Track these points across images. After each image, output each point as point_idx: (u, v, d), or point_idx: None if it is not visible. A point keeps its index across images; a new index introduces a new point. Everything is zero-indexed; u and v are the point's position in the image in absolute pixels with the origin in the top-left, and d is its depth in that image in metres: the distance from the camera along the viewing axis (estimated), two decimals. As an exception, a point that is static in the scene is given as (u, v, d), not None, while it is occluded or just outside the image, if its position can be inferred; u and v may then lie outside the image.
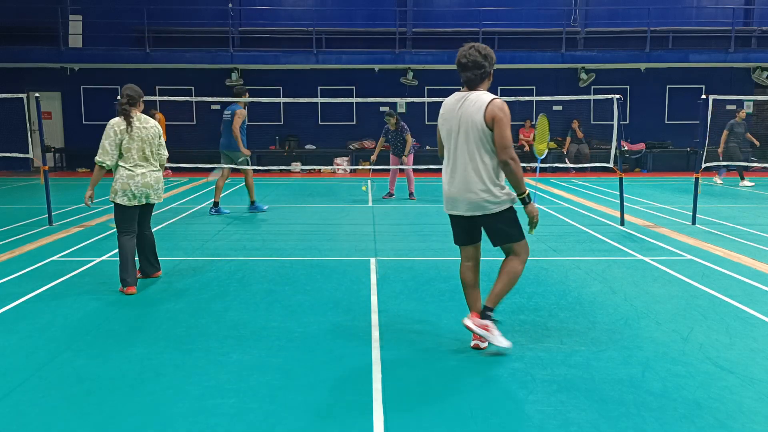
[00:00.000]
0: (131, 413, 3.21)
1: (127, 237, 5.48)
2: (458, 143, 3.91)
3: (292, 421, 3.13)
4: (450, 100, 4.01)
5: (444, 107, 4.02)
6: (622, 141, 14.37)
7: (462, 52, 3.96)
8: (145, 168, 5.45)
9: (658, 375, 3.67)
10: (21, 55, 17.39)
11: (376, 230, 8.53)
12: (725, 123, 14.37)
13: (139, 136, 5.39)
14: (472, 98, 3.88)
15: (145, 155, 5.44)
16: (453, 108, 3.95)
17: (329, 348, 4.12)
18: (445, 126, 3.98)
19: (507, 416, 3.18)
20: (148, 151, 5.45)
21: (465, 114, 3.86)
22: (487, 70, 3.94)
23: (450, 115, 3.95)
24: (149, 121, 5.53)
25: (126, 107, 5.38)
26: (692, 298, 5.23)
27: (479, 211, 3.91)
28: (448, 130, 3.96)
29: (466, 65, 3.92)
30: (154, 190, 5.52)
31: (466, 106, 3.87)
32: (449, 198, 4.03)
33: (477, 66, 3.90)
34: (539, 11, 18.92)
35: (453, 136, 3.93)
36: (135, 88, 5.54)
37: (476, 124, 3.82)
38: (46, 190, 8.94)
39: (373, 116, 18.88)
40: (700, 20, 19.18)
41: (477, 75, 3.92)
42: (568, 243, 7.58)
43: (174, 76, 18.52)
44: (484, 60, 3.91)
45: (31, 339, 4.29)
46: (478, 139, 3.83)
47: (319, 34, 18.17)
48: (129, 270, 5.35)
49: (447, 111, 3.99)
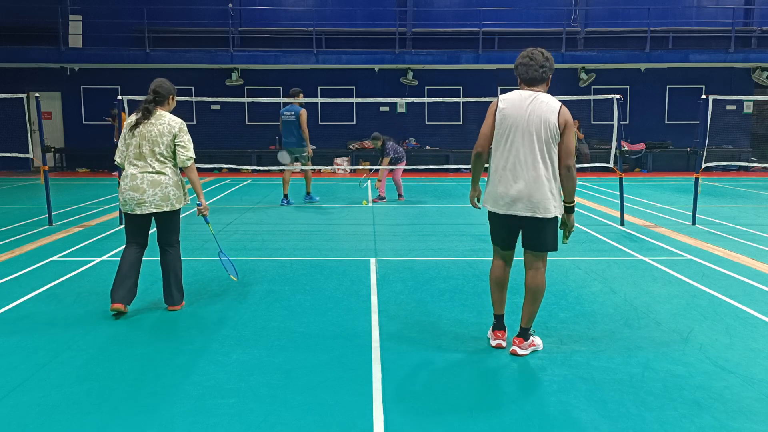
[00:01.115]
0: (131, 413, 3.21)
1: (128, 249, 4.84)
2: (523, 140, 3.80)
3: (292, 421, 3.13)
4: (514, 96, 3.88)
5: (505, 102, 3.88)
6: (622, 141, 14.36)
7: (524, 56, 3.91)
8: (137, 168, 4.70)
9: (658, 375, 3.67)
10: (21, 55, 17.39)
11: (376, 230, 8.53)
12: (725, 123, 14.37)
13: (141, 132, 4.67)
14: (543, 99, 3.83)
15: (142, 153, 4.68)
16: (519, 105, 3.83)
17: (329, 348, 4.12)
18: (507, 121, 3.84)
19: (507, 416, 3.18)
20: (146, 149, 4.66)
21: (536, 112, 3.79)
22: (549, 72, 3.91)
23: (514, 111, 3.83)
24: (163, 117, 4.73)
25: (149, 106, 4.72)
26: (692, 298, 5.23)
27: (539, 212, 3.82)
28: (512, 126, 3.82)
29: (529, 64, 3.87)
30: (150, 196, 4.66)
31: (538, 105, 3.80)
32: (507, 196, 3.86)
33: (540, 70, 3.87)
34: (539, 11, 18.93)
35: (517, 132, 3.81)
36: (165, 84, 4.83)
37: (549, 125, 3.77)
38: (46, 190, 8.94)
39: (373, 116, 18.90)
40: (700, 20, 19.18)
41: (539, 73, 3.87)
42: (569, 243, 7.57)
43: (174, 76, 18.35)
44: (547, 62, 3.89)
45: (31, 339, 4.29)
46: (549, 140, 3.79)
47: (319, 34, 18.18)
48: (117, 283, 4.70)
49: (510, 106, 3.85)
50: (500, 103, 3.88)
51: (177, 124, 4.74)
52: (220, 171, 17.28)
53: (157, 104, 4.77)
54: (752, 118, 19.57)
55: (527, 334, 4.02)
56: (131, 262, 4.79)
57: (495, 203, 3.93)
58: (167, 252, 4.92)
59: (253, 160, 17.89)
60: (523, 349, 3.99)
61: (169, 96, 4.82)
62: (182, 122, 4.80)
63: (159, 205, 4.71)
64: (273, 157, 18.29)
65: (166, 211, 4.77)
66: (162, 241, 4.92)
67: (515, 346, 4.00)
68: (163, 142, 4.68)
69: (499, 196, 3.89)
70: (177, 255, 4.96)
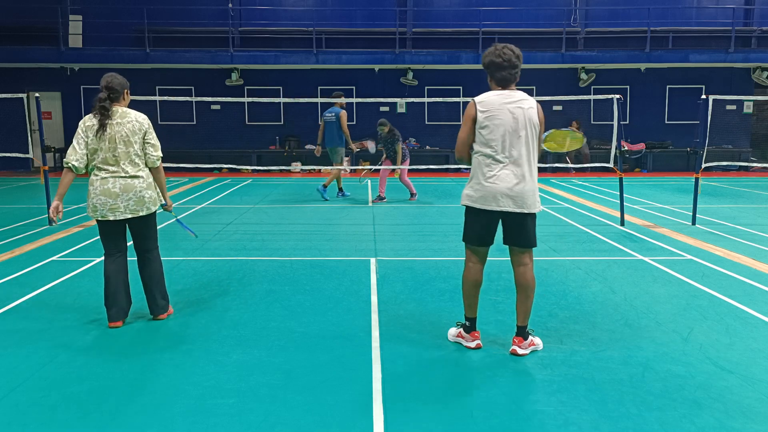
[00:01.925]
0: (131, 413, 3.21)
1: (109, 259, 4.52)
2: (517, 141, 3.89)
3: (292, 421, 3.13)
4: (493, 97, 3.94)
5: (486, 105, 3.92)
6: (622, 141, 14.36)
7: (495, 52, 3.94)
8: (107, 173, 4.39)
9: (658, 375, 3.67)
10: (21, 55, 17.39)
11: (376, 230, 8.53)
12: (725, 123, 14.37)
13: (110, 135, 4.36)
14: (522, 97, 3.95)
15: (115, 156, 4.37)
16: (502, 106, 3.90)
17: (329, 348, 4.12)
18: (494, 121, 3.89)
19: (507, 416, 3.18)
20: (120, 151, 4.36)
21: (522, 111, 3.90)
22: (519, 72, 3.99)
23: (500, 113, 3.89)
24: (128, 115, 4.45)
25: (105, 104, 4.41)
26: (692, 298, 5.23)
27: (526, 208, 3.92)
28: (501, 126, 3.88)
29: (502, 65, 3.93)
30: (124, 201, 4.38)
31: (521, 105, 3.91)
32: (497, 192, 3.89)
33: (512, 66, 3.94)
34: (539, 11, 18.93)
35: (509, 131, 3.88)
36: (116, 78, 4.51)
37: (534, 125, 3.94)
38: (46, 190, 8.94)
39: (373, 116, 18.88)
40: (700, 20, 19.19)
41: (512, 74, 3.96)
42: (568, 243, 7.58)
43: (174, 76, 18.54)
44: (518, 60, 3.96)
45: (31, 339, 4.29)
46: (533, 138, 3.95)
47: (319, 34, 18.18)
48: (110, 300, 4.46)
49: (494, 108, 3.90)
50: (479, 106, 3.93)
51: (145, 121, 4.51)
52: (220, 171, 17.28)
53: (112, 101, 4.45)
54: (752, 118, 19.57)
55: (526, 333, 4.03)
56: (116, 272, 4.50)
57: (481, 201, 3.94)
58: (147, 258, 4.64)
59: (253, 160, 17.89)
60: (523, 348, 4.00)
61: (123, 91, 4.52)
62: (147, 118, 4.56)
63: (134, 210, 4.43)
64: (273, 157, 18.35)
65: (142, 215, 4.49)
66: (140, 248, 4.64)
67: (515, 346, 4.00)
68: (136, 141, 4.42)
69: (490, 194, 3.91)
70: (158, 260, 4.71)
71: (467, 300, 4.13)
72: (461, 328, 4.19)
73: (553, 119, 19.00)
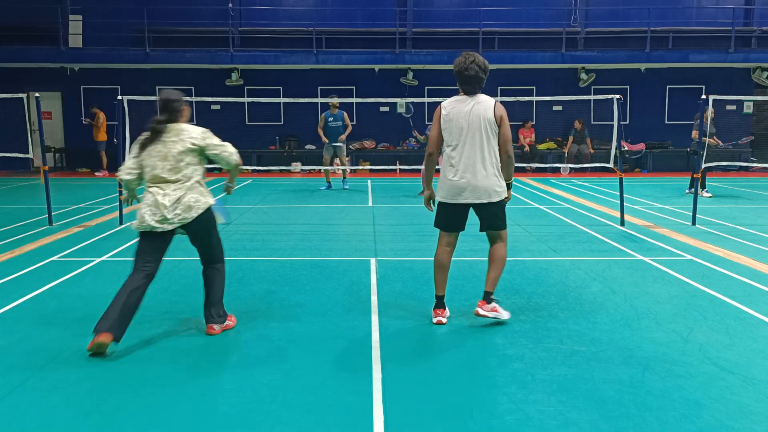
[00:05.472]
0: (131, 413, 3.21)
1: (133, 275, 4.19)
2: (468, 139, 4.39)
3: (292, 421, 3.13)
4: (453, 103, 4.48)
5: (446, 108, 4.47)
6: (622, 141, 14.36)
7: (463, 65, 4.42)
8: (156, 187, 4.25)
9: (658, 375, 3.67)
10: (21, 55, 17.39)
11: (376, 230, 8.53)
12: (725, 123, 14.35)
13: (157, 153, 4.23)
14: (479, 99, 4.44)
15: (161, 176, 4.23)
16: (460, 109, 4.42)
17: (329, 348, 4.12)
18: (452, 124, 4.43)
19: (507, 416, 3.18)
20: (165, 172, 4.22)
21: (476, 113, 4.38)
22: (484, 81, 4.49)
23: (457, 115, 4.42)
24: (182, 133, 4.27)
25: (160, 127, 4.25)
26: (692, 299, 5.23)
27: (485, 198, 4.41)
28: (458, 128, 4.41)
29: (469, 78, 4.41)
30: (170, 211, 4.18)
31: (476, 107, 4.40)
32: (457, 187, 4.43)
33: (478, 80, 4.43)
34: (539, 11, 18.92)
35: (463, 133, 4.40)
36: (171, 96, 4.33)
37: (488, 121, 4.38)
38: (46, 190, 8.94)
39: (373, 116, 18.89)
40: (700, 20, 19.18)
41: (477, 87, 4.46)
42: (568, 243, 7.58)
43: (174, 76, 18.52)
44: (483, 74, 4.45)
45: (31, 339, 4.29)
46: (489, 135, 4.39)
47: (319, 34, 18.17)
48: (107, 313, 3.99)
49: (453, 111, 4.44)
50: (443, 110, 4.47)
51: (199, 135, 4.31)
52: (220, 171, 17.28)
53: (170, 122, 4.29)
54: (752, 118, 19.57)
55: (490, 298, 4.51)
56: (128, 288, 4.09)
57: (447, 194, 4.48)
58: (208, 268, 4.49)
59: (253, 160, 17.87)
60: (484, 310, 4.48)
61: (181, 109, 4.36)
62: (204, 130, 4.38)
63: (183, 219, 4.21)
64: (273, 157, 18.33)
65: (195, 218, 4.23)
66: (205, 260, 4.48)
67: (478, 308, 4.51)
68: (184, 160, 4.24)
69: (449, 188, 4.46)
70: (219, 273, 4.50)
71: (436, 279, 4.64)
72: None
73: (554, 119, 19.03)
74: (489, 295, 4.52)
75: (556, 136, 18.88)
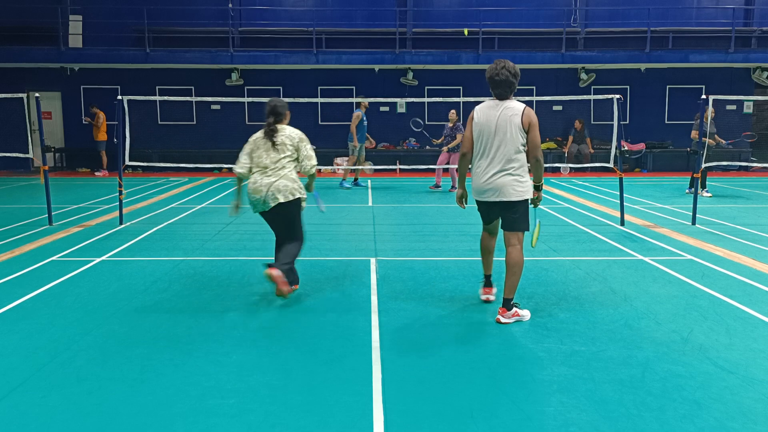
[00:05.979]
0: (131, 413, 3.21)
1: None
2: (494, 142, 4.55)
3: (292, 421, 3.13)
4: (484, 107, 4.65)
5: (479, 113, 4.65)
6: (622, 141, 14.36)
7: (494, 70, 4.57)
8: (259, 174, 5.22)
9: (658, 375, 3.67)
10: (21, 55, 17.39)
11: (376, 230, 8.53)
12: (725, 123, 14.35)
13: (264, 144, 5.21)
14: (509, 105, 4.58)
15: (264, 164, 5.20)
16: (490, 114, 4.60)
17: (329, 348, 4.12)
18: (481, 128, 4.62)
19: (507, 416, 3.18)
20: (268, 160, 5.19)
21: (504, 118, 4.54)
22: (516, 86, 4.62)
23: (487, 119, 4.60)
24: (284, 131, 5.23)
25: (273, 127, 5.20)
26: (692, 298, 5.23)
27: (505, 197, 4.56)
28: (488, 132, 4.58)
29: (500, 83, 4.57)
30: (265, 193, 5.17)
31: (505, 112, 4.55)
32: (481, 186, 4.63)
33: (508, 84, 4.57)
34: (539, 11, 18.92)
35: (491, 136, 4.57)
36: (278, 103, 5.27)
37: (515, 126, 4.52)
38: (46, 190, 8.94)
39: (373, 116, 18.87)
40: (700, 20, 19.18)
41: (508, 91, 4.60)
42: (568, 243, 7.58)
43: (174, 76, 18.53)
44: (514, 78, 4.58)
45: (31, 339, 4.29)
46: (514, 139, 4.52)
47: (319, 34, 18.18)
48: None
49: (483, 116, 4.62)
50: (476, 115, 4.67)
51: (297, 136, 5.23)
52: (220, 171, 17.28)
53: (277, 123, 5.23)
54: (752, 118, 19.57)
55: (510, 305, 4.59)
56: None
57: (476, 193, 4.72)
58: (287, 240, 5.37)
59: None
60: (506, 318, 4.56)
61: (285, 113, 5.30)
62: (301, 133, 5.27)
63: (275, 198, 5.15)
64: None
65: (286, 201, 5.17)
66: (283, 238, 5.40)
67: (499, 315, 4.58)
68: (283, 151, 5.18)
69: (476, 187, 4.69)
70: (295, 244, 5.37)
71: (482, 260, 5.07)
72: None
73: (554, 119, 19.02)
74: (509, 302, 4.59)
75: (556, 136, 18.89)
